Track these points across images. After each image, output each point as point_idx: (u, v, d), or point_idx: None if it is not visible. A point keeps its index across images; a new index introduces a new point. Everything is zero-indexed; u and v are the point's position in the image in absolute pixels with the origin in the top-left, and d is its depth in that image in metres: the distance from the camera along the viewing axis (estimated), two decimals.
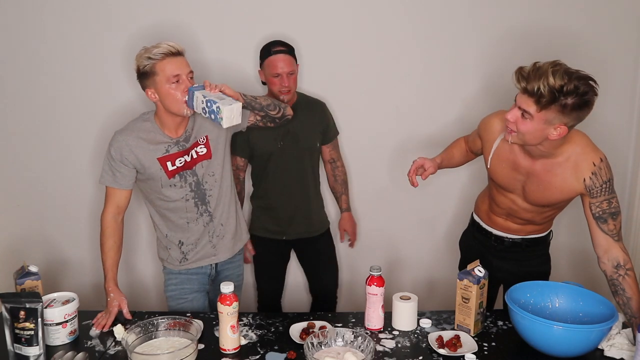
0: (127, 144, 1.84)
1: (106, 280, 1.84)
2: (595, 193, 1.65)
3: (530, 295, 1.72)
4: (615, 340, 1.60)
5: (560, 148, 1.64)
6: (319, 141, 2.42)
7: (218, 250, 2.02)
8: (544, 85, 1.46)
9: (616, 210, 1.68)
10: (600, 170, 1.63)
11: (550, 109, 1.49)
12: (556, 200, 1.75)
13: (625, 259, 1.68)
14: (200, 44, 2.50)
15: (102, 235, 1.88)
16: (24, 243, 2.72)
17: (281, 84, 2.21)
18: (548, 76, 1.46)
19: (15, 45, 2.54)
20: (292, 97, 2.31)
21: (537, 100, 1.49)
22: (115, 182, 1.86)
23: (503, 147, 1.77)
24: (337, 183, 2.55)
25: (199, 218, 1.96)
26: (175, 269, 2.01)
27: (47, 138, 2.66)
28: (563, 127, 1.53)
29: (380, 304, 1.72)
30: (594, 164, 1.63)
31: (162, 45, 1.77)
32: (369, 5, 2.55)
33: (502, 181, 1.83)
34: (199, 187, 1.93)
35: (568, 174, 1.66)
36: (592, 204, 1.68)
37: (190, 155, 1.90)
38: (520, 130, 1.58)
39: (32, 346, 1.51)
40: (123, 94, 2.56)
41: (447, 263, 2.71)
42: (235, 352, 1.58)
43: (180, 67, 1.78)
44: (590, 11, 2.66)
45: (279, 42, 2.27)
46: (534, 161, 1.71)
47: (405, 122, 2.72)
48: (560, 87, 1.46)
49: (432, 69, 2.68)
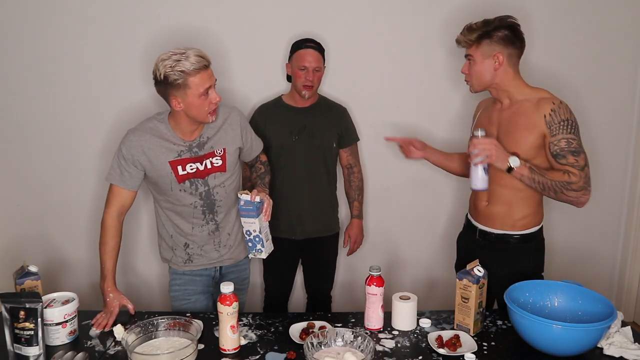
0: (140, 145, 1.83)
1: (105, 280, 1.83)
2: (555, 130, 1.75)
3: (529, 294, 1.72)
4: (614, 338, 1.60)
5: (523, 89, 1.85)
6: (334, 142, 2.43)
7: (223, 256, 2.01)
8: (467, 29, 1.85)
9: (577, 149, 1.75)
10: (559, 109, 1.76)
11: (482, 43, 1.82)
12: (525, 144, 1.80)
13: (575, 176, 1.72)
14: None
15: (105, 235, 1.86)
16: (24, 243, 2.73)
17: (306, 78, 2.29)
18: (471, 24, 1.85)
19: (19, 43, 2.55)
20: (313, 95, 2.38)
21: (471, 42, 1.84)
22: (123, 181, 1.85)
23: (483, 110, 2.03)
24: (352, 189, 2.56)
25: (204, 225, 1.95)
26: (179, 270, 2.00)
27: (48, 138, 2.66)
28: (499, 56, 1.82)
29: (379, 304, 1.72)
30: (554, 102, 1.78)
31: (191, 57, 1.70)
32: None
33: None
34: (209, 196, 1.92)
35: (531, 111, 1.80)
36: (551, 143, 1.76)
37: (204, 165, 1.88)
38: (471, 75, 1.88)
39: (31, 346, 1.51)
40: (128, 94, 2.58)
41: (447, 263, 2.71)
42: (235, 352, 1.58)
43: (210, 79, 1.76)
44: (590, 11, 2.66)
45: (311, 40, 2.34)
46: (503, 109, 1.90)
47: (405, 122, 2.72)
48: (483, 23, 1.83)
49: (433, 69, 2.68)
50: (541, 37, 2.58)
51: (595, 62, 2.73)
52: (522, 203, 1.88)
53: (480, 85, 1.89)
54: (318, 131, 2.38)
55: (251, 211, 1.84)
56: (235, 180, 1.99)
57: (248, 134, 2.02)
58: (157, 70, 1.73)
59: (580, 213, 1.82)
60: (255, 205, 1.84)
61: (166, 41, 2.55)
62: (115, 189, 1.87)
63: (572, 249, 2.85)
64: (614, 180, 2.87)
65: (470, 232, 2.05)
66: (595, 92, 2.73)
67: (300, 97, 2.36)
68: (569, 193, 1.74)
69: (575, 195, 1.75)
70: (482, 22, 1.83)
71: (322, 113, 2.41)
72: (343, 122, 2.47)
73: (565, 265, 2.82)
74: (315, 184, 2.41)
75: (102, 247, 1.86)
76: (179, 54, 1.71)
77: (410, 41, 2.66)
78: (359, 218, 2.58)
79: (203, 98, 1.76)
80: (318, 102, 2.44)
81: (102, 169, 2.58)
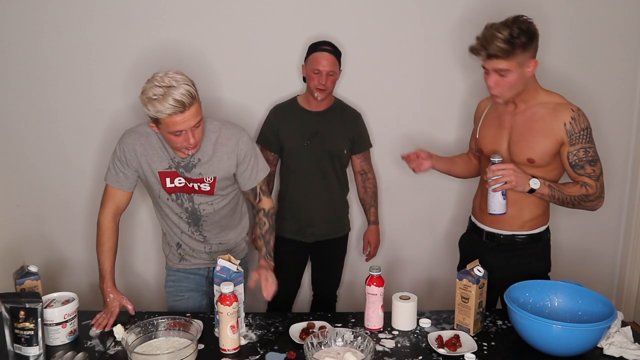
0: (134, 148, 1.81)
1: (104, 281, 1.83)
2: (575, 139, 1.74)
3: (529, 294, 1.72)
4: (614, 338, 1.60)
5: (538, 93, 1.82)
6: (346, 148, 2.42)
7: (215, 259, 2.01)
8: (500, 42, 1.68)
9: (593, 158, 1.76)
10: (578, 117, 1.75)
11: (516, 54, 1.70)
12: (540, 150, 1.78)
13: (592, 188, 1.75)
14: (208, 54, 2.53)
15: (101, 236, 1.85)
16: (24, 243, 2.73)
17: (319, 81, 2.27)
18: (497, 35, 1.68)
19: (19, 44, 2.55)
20: (327, 98, 2.36)
21: (504, 55, 1.69)
22: (118, 182, 1.85)
23: (490, 112, 1.97)
24: (367, 195, 2.55)
25: (192, 235, 1.96)
26: (174, 267, 2.03)
27: (48, 138, 2.66)
28: (533, 60, 1.75)
29: (379, 304, 1.72)
30: (572, 110, 1.75)
31: (169, 101, 1.57)
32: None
33: (489, 143, 1.92)
34: (195, 212, 1.91)
35: (549, 117, 1.77)
36: (570, 153, 1.75)
37: (192, 185, 1.84)
38: (506, 87, 1.76)
39: (31, 346, 1.51)
40: (128, 95, 2.57)
41: (447, 263, 2.71)
42: (235, 352, 1.58)
43: (185, 123, 1.62)
44: (590, 12, 2.66)
45: (328, 43, 2.32)
46: (516, 112, 1.85)
47: (404, 122, 2.73)
48: (510, 35, 1.68)
49: (433, 70, 2.69)
50: (543, 38, 2.58)
51: (595, 62, 2.73)
52: (533, 205, 1.88)
53: (513, 95, 1.79)
54: (330, 137, 2.36)
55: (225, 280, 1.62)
56: (225, 198, 1.92)
57: (246, 164, 1.86)
58: (141, 91, 1.64)
59: (580, 213, 1.81)
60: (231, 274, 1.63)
61: (168, 41, 2.55)
62: (110, 190, 1.86)
63: (572, 249, 2.85)
64: (614, 181, 2.87)
65: (476, 234, 2.03)
66: (595, 92, 2.73)
67: (313, 99, 2.34)
68: (586, 204, 1.78)
69: (591, 205, 1.79)
70: (518, 31, 1.68)
71: (335, 118, 2.40)
72: (356, 127, 2.46)
73: (565, 265, 2.82)
74: (325, 188, 2.41)
75: (99, 248, 1.86)
76: (163, 88, 1.58)
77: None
78: (375, 224, 2.58)
79: (176, 136, 1.66)
80: (333, 105, 2.42)
81: (102, 169, 2.58)
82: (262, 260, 1.88)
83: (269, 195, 1.99)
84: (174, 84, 1.59)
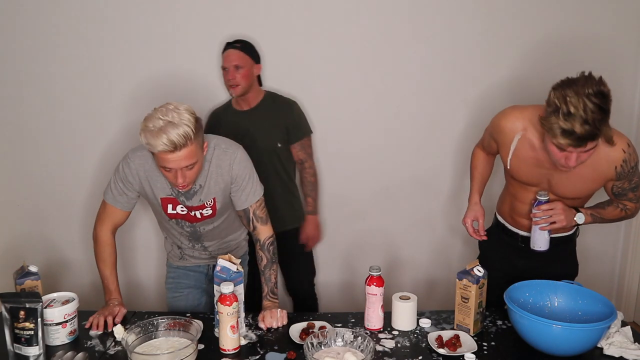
0: (138, 173, 1.77)
1: (111, 292, 1.83)
2: (623, 177, 1.69)
3: (529, 294, 1.72)
4: (614, 338, 1.60)
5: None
6: (279, 141, 2.38)
7: (215, 258, 2.01)
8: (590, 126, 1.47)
9: (637, 184, 1.73)
10: (630, 156, 1.65)
11: (602, 131, 1.51)
12: (588, 190, 1.76)
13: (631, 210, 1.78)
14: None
15: (102, 252, 1.83)
16: (24, 243, 2.73)
17: (227, 77, 2.28)
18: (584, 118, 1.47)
19: (19, 45, 2.55)
20: (253, 93, 2.35)
21: (592, 138, 1.50)
22: (117, 201, 1.82)
23: (522, 145, 1.75)
24: (304, 184, 2.51)
25: (192, 247, 1.99)
26: (174, 264, 2.05)
27: (48, 138, 2.66)
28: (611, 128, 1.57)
29: (379, 304, 1.72)
30: (624, 150, 1.64)
31: (162, 139, 1.52)
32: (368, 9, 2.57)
33: (526, 178, 1.81)
34: (195, 232, 1.92)
35: (599, 163, 1.65)
36: (615, 185, 1.73)
37: (194, 215, 1.83)
38: (583, 158, 1.58)
39: (31, 346, 1.51)
40: (130, 95, 2.57)
41: (447, 263, 2.71)
42: (235, 352, 1.58)
43: (175, 162, 1.58)
44: (590, 12, 2.66)
45: (237, 40, 2.33)
46: None
47: (404, 122, 2.72)
48: (594, 119, 1.47)
49: (432, 70, 2.68)
50: (541, 37, 2.58)
51: (595, 61, 2.73)
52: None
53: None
54: (259, 134, 2.33)
55: (225, 280, 1.61)
56: (224, 214, 1.91)
57: (238, 184, 1.81)
58: (145, 117, 1.61)
59: None
60: (231, 274, 1.63)
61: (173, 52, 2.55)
62: (109, 207, 1.83)
63: None
64: None
65: (507, 237, 1.97)
66: None
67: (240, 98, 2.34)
68: (623, 220, 1.83)
69: (628, 219, 1.86)
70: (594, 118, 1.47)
71: (266, 112, 2.36)
72: (289, 117, 2.40)
73: None
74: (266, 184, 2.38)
75: (101, 263, 1.84)
76: (163, 121, 1.53)
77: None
78: (313, 214, 2.52)
79: (166, 171, 1.64)
80: (263, 100, 2.39)
81: (102, 169, 2.60)
82: (265, 301, 1.83)
83: (265, 222, 1.87)
84: (175, 121, 1.54)
